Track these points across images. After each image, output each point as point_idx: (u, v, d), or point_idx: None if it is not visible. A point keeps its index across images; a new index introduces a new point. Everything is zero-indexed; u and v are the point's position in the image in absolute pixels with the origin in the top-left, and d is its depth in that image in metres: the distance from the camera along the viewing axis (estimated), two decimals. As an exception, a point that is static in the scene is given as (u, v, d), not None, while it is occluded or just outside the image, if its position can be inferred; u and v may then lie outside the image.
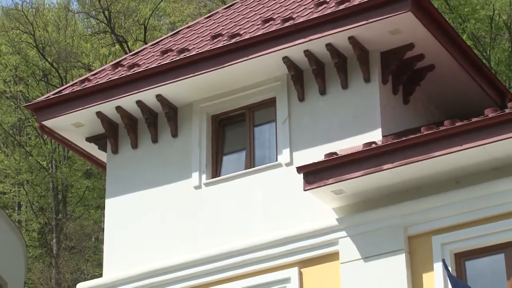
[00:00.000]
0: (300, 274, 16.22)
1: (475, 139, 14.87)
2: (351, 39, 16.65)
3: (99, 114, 18.31)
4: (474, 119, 15.03)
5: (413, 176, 15.53)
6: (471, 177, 15.37)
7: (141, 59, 18.70)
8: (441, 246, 15.28)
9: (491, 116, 14.84)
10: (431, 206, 15.44)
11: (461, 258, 15.29)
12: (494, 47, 34.60)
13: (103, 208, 18.16)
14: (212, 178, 17.63)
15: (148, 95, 17.96)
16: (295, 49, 16.97)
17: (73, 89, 18.56)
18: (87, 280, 18.47)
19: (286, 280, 16.31)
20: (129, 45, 45.91)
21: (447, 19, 19.42)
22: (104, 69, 19.03)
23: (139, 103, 18.06)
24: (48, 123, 18.66)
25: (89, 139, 18.92)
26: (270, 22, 17.54)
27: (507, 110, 14.86)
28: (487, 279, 15.00)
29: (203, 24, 19.42)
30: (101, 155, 19.14)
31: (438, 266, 15.13)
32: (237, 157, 17.81)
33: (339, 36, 16.68)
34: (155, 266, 17.23)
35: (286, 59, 17.11)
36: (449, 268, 14.49)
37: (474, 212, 15.19)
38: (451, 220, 15.32)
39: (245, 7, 19.36)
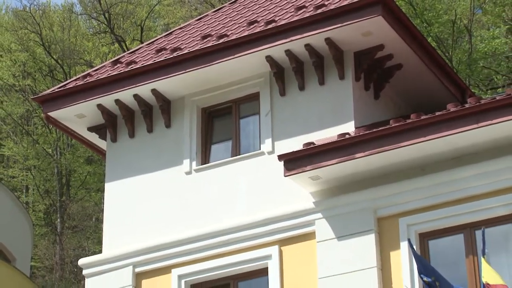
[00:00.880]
0: (280, 251, 16.22)
1: (438, 131, 14.92)
2: (328, 40, 16.66)
3: (99, 106, 18.28)
4: (437, 113, 15.07)
5: (382, 164, 15.57)
6: (434, 165, 15.41)
7: (137, 56, 18.68)
8: (407, 227, 15.31)
9: (453, 110, 14.88)
10: (398, 191, 15.49)
11: (425, 237, 15.33)
12: (455, 48, 34.61)
13: (103, 191, 18.13)
14: (202, 164, 17.62)
15: (144, 89, 17.93)
16: (277, 49, 16.96)
17: (76, 83, 18.53)
18: (88, 256, 18.44)
19: (268, 257, 16.30)
20: (127, 44, 45.78)
21: (413, 23, 19.41)
22: (104, 66, 19.01)
23: (135, 96, 18.04)
24: (53, 114, 18.63)
25: (90, 129, 18.89)
26: (255, 24, 17.53)
27: (466, 105, 14.91)
28: (448, 256, 15.05)
29: (194, 26, 19.42)
30: (101, 143, 19.12)
31: (404, 245, 15.18)
32: (224, 146, 17.81)
33: (316, 38, 16.68)
34: (149, 243, 17.21)
35: (268, 58, 17.10)
36: (414, 247, 14.53)
37: (436, 196, 15.23)
38: (416, 204, 15.36)
39: (232, 10, 19.37)
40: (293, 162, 15.82)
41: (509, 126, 14.63)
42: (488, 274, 13.30)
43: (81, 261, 17.87)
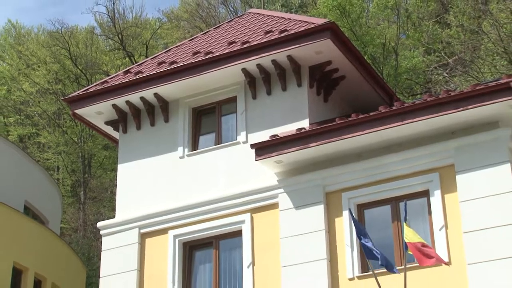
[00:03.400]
0: (252, 218, 16.21)
1: (372, 127, 14.97)
2: (289, 57, 16.64)
3: (114, 105, 18.18)
4: (371, 113, 15.11)
5: (329, 151, 15.57)
6: (368, 153, 15.44)
7: (143, 68, 18.58)
8: (348, 200, 15.36)
9: (383, 111, 14.94)
10: (341, 172, 15.50)
11: (362, 208, 15.38)
12: (385, 64, 34.75)
13: (116, 170, 18.08)
14: (192, 151, 17.55)
15: (148, 93, 17.84)
16: (250, 63, 16.93)
17: (96, 88, 18.41)
18: (104, 220, 18.36)
19: (242, 222, 16.29)
20: (135, 58, 45.56)
21: (354, 44, 19.43)
22: (117, 75, 18.90)
23: (141, 98, 17.95)
24: (78, 111, 18.49)
25: (107, 123, 18.76)
26: (233, 44, 17.48)
27: (393, 107, 14.99)
28: (379, 222, 15.10)
29: (187, 45, 19.34)
30: (115, 134, 19.00)
31: (346, 213, 15.24)
32: (209, 137, 17.70)
33: (280, 55, 16.66)
34: (151, 210, 17.16)
35: (243, 70, 17.07)
36: (353, 214, 14.57)
37: (370, 176, 15.27)
38: (355, 182, 15.39)
39: (216, 33, 19.30)
40: (262, 149, 15.81)
41: (425, 123, 14.71)
42: (409, 235, 13.37)
43: (99, 224, 17.79)
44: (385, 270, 13.72)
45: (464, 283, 13.78)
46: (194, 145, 17.69)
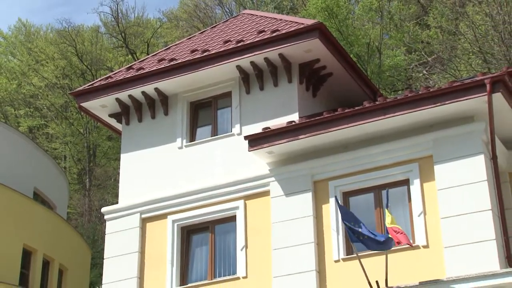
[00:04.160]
0: (245, 204, 16.21)
1: (357, 120, 14.97)
2: (280, 55, 16.62)
3: (117, 99, 18.11)
4: (356, 107, 15.12)
5: (318, 143, 15.56)
6: (353, 144, 15.44)
7: (144, 64, 18.50)
8: (334, 188, 15.36)
9: (367, 106, 14.94)
10: (328, 162, 15.50)
11: (347, 195, 15.38)
12: (370, 62, 34.74)
13: (119, 160, 18.00)
14: (190, 142, 17.50)
15: (149, 88, 17.78)
16: (244, 61, 16.89)
17: (101, 83, 18.32)
18: (108, 205, 18.34)
19: (236, 208, 16.29)
20: (137, 55, 45.44)
21: (341, 44, 19.45)
22: (120, 71, 18.84)
23: (143, 93, 17.88)
24: (84, 104, 18.40)
25: (110, 115, 18.66)
26: (228, 43, 17.43)
27: (377, 102, 15.00)
28: (363, 208, 15.08)
29: (185, 43, 19.29)
30: (118, 126, 18.95)
31: (332, 200, 15.25)
32: (206, 129, 17.65)
33: (272, 53, 16.64)
34: (152, 197, 17.13)
35: (238, 67, 17.03)
36: (339, 201, 14.63)
37: (355, 166, 15.28)
38: (341, 171, 15.35)
39: (212, 32, 19.25)
40: (254, 141, 15.79)
41: (405, 117, 14.73)
42: (389, 220, 13.45)
43: (103, 209, 17.75)
44: (369, 252, 13.79)
45: (440, 264, 13.85)
46: (192, 137, 17.64)
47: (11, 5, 67.91)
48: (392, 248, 13.72)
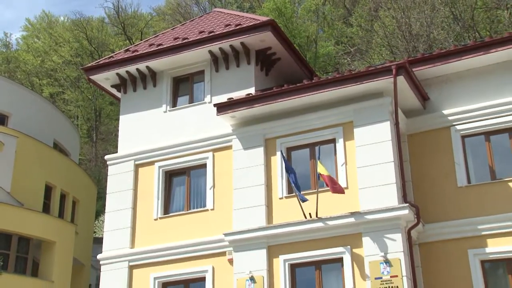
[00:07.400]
0: (213, 155, 16.07)
1: (298, 94, 14.85)
2: (242, 43, 16.38)
3: (117, 74, 17.70)
4: (298, 84, 15.00)
5: (268, 110, 15.39)
6: (295, 112, 15.23)
7: (138, 48, 18.05)
8: (280, 144, 15.21)
9: (306, 83, 14.82)
10: (276, 125, 15.33)
11: (290, 150, 15.19)
12: (308, 51, 34.68)
13: (119, 120, 17.65)
14: (172, 107, 17.22)
15: (141, 66, 17.40)
16: (214, 47, 16.61)
17: (105, 61, 17.84)
18: (110, 154, 18.02)
19: (206, 158, 16.13)
20: (133, 41, 44.59)
21: (287, 36, 19.23)
22: (120, 52, 18.36)
23: (137, 69, 17.50)
24: (92, 77, 17.95)
25: (112, 86, 18.22)
26: (202, 33, 17.09)
27: (313, 80, 14.89)
28: (302, 160, 14.96)
29: (170, 32, 18.82)
30: (118, 94, 18.55)
31: (278, 154, 15.14)
32: (185, 98, 17.36)
33: (235, 42, 16.39)
34: (143, 148, 16.88)
35: (210, 51, 16.75)
36: (284, 155, 14.57)
37: (296, 128, 15.04)
38: (285, 132, 15.21)
39: (190, 24, 18.81)
40: (221, 108, 15.58)
41: (334, 92, 14.67)
42: (321, 169, 13.45)
43: (106, 157, 17.43)
44: (304, 191, 13.78)
45: (356, 202, 13.97)
46: (174, 104, 17.37)
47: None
48: (320, 189, 13.75)
